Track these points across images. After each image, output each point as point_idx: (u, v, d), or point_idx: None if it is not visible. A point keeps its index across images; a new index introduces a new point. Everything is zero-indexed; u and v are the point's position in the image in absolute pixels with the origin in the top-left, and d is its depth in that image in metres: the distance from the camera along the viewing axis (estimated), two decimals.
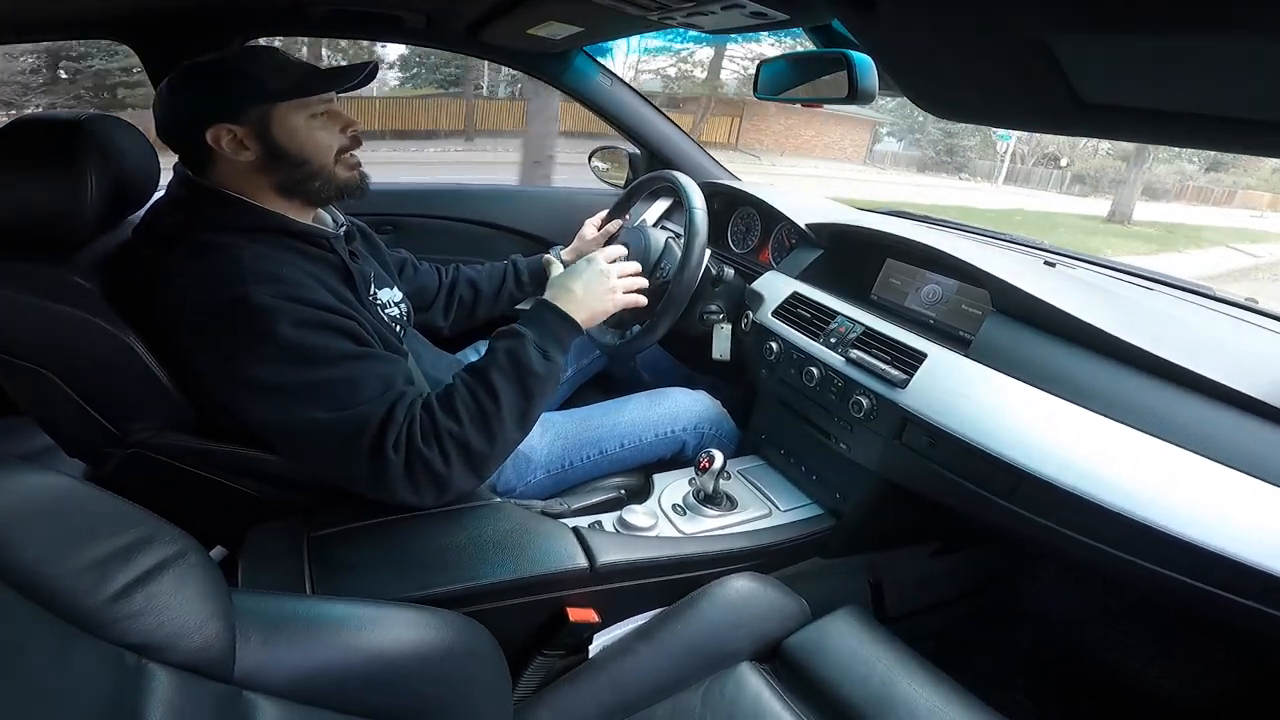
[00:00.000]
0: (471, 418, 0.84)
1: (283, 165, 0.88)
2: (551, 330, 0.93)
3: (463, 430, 0.83)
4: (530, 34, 1.36)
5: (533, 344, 0.89)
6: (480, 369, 0.87)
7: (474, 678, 0.69)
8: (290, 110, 0.87)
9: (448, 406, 0.84)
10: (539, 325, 0.93)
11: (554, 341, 0.92)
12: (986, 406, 0.90)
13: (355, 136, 0.94)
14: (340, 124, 0.93)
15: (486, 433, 0.84)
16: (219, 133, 0.85)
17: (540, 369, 0.88)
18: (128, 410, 0.85)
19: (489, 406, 0.85)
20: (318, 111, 0.89)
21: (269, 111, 0.86)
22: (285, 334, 0.78)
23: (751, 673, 0.85)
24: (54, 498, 0.47)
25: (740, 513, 1.13)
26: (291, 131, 0.87)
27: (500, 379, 0.86)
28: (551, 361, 0.90)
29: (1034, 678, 1.27)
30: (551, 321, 0.94)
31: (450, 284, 1.34)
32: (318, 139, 0.90)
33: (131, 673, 0.45)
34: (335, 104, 0.92)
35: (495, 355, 0.88)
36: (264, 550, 0.84)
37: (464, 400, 0.84)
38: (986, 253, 1.11)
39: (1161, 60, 0.42)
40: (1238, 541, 0.69)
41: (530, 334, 0.90)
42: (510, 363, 0.87)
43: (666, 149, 1.76)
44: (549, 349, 0.90)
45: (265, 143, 0.87)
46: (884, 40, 0.58)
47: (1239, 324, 0.98)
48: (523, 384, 0.87)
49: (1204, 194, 23.61)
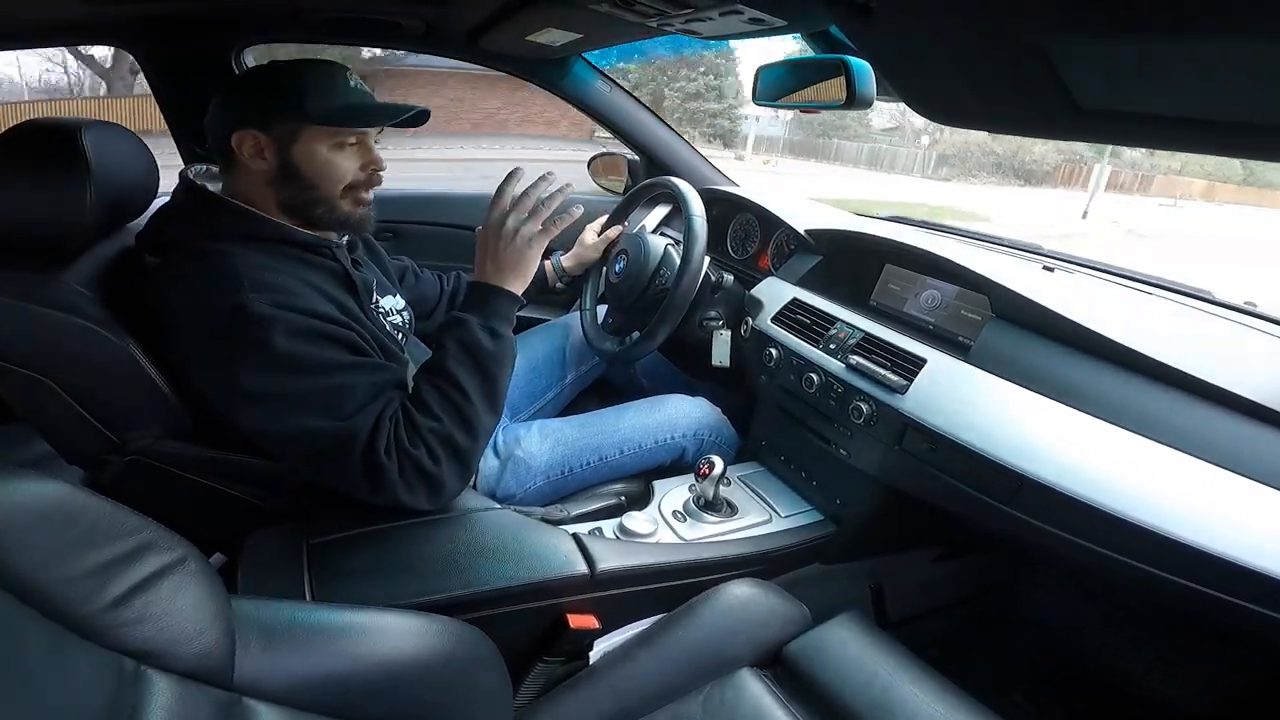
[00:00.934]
0: (446, 413, 0.84)
1: (292, 184, 0.89)
2: (491, 307, 0.92)
3: (443, 425, 0.83)
4: (529, 40, 1.37)
5: (477, 325, 0.89)
6: (435, 364, 0.88)
7: (474, 685, 0.69)
8: (319, 134, 0.87)
9: (421, 406, 0.84)
10: (477, 306, 0.92)
11: (497, 317, 0.91)
12: (986, 412, 0.90)
13: (373, 176, 0.94)
14: (364, 160, 0.92)
15: (464, 423, 0.85)
16: (244, 137, 0.86)
17: (491, 347, 0.88)
18: (127, 418, 0.85)
19: (456, 397, 0.85)
20: (347, 141, 0.90)
21: (299, 129, 0.86)
22: (281, 343, 0.78)
23: (752, 679, 0.85)
24: (53, 505, 0.47)
25: (741, 519, 1.13)
26: (311, 154, 0.88)
27: (458, 368, 0.86)
28: (500, 338, 0.90)
29: (1036, 683, 1.26)
30: (487, 299, 0.93)
31: (452, 292, 1.34)
32: (335, 168, 0.90)
33: (130, 679, 0.45)
34: (369, 138, 0.92)
35: (445, 346, 0.89)
36: (263, 557, 0.83)
37: (433, 397, 0.85)
38: (985, 258, 1.12)
39: (1158, 65, 0.42)
40: (1238, 545, 0.69)
41: (472, 318, 0.90)
42: (461, 349, 0.88)
43: (665, 155, 1.77)
44: (494, 325, 0.90)
45: (283, 158, 0.87)
46: (882, 46, 0.58)
47: (1238, 328, 0.98)
48: (480, 367, 0.87)
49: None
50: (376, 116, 0.90)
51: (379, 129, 0.93)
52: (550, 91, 1.68)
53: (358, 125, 0.89)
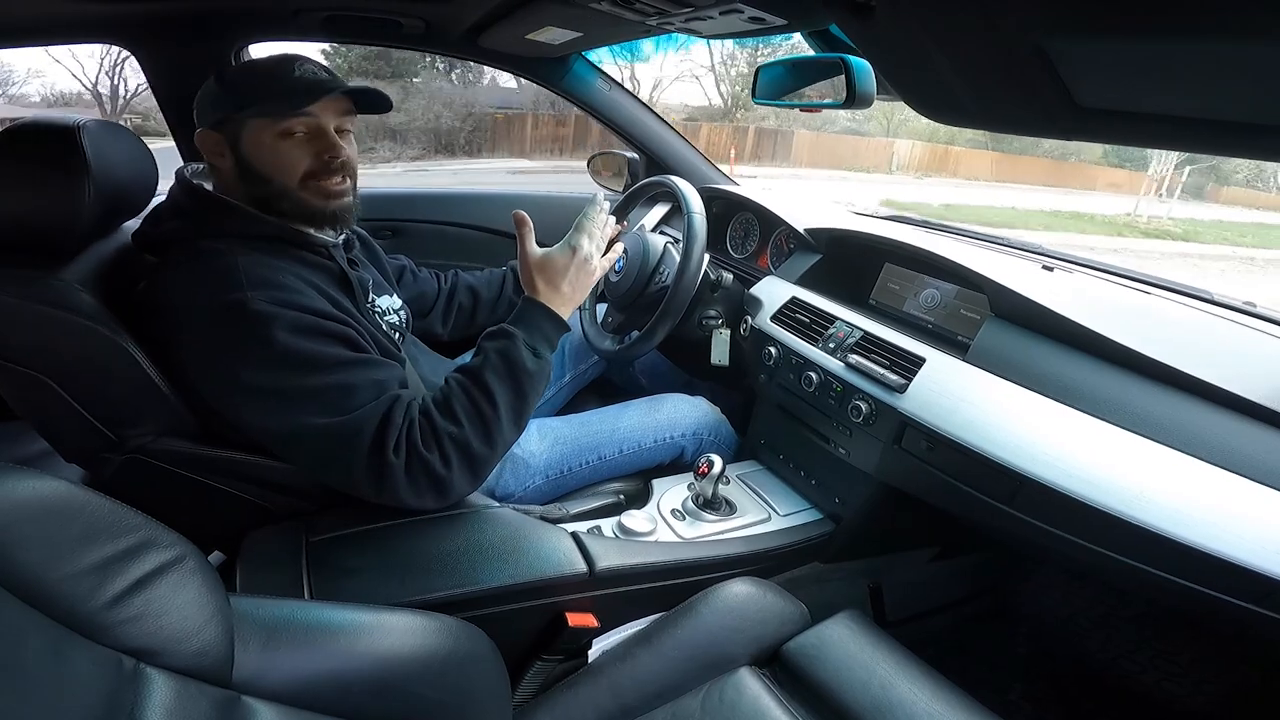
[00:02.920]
0: (470, 420, 0.84)
1: (252, 180, 0.87)
2: (540, 328, 0.92)
3: (462, 432, 0.83)
4: (529, 39, 1.37)
5: (523, 342, 0.89)
6: (474, 370, 0.87)
7: (473, 683, 0.69)
8: (261, 125, 0.85)
9: (446, 409, 0.84)
10: (528, 323, 0.92)
11: (543, 339, 0.92)
12: (985, 411, 0.90)
13: (330, 162, 0.88)
14: (317, 147, 0.87)
15: (485, 434, 0.84)
16: (203, 137, 0.85)
17: (532, 367, 0.88)
18: (125, 415, 0.85)
19: (485, 408, 0.85)
20: (294, 130, 0.85)
21: (243, 123, 0.84)
22: (280, 340, 0.78)
23: (751, 677, 0.85)
24: (52, 502, 0.47)
25: (739, 518, 1.13)
26: (259, 145, 0.85)
27: (494, 380, 0.86)
28: (542, 359, 0.90)
29: (1034, 682, 1.26)
30: (540, 319, 0.93)
31: (449, 291, 1.34)
32: (284, 157, 0.86)
33: (129, 677, 0.45)
34: (325, 124, 0.87)
35: (488, 356, 0.88)
36: (262, 555, 0.83)
37: (461, 403, 0.84)
38: (985, 257, 1.12)
39: (1157, 65, 0.42)
40: (1236, 545, 0.69)
41: (520, 333, 0.90)
42: (503, 363, 0.87)
43: (665, 154, 1.77)
44: (538, 346, 0.90)
45: (237, 154, 0.86)
46: (882, 44, 0.58)
47: (1237, 327, 0.98)
48: (516, 383, 0.87)
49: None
50: (299, 96, 0.84)
51: (343, 116, 0.89)
52: (550, 90, 1.68)
53: (292, 108, 0.84)
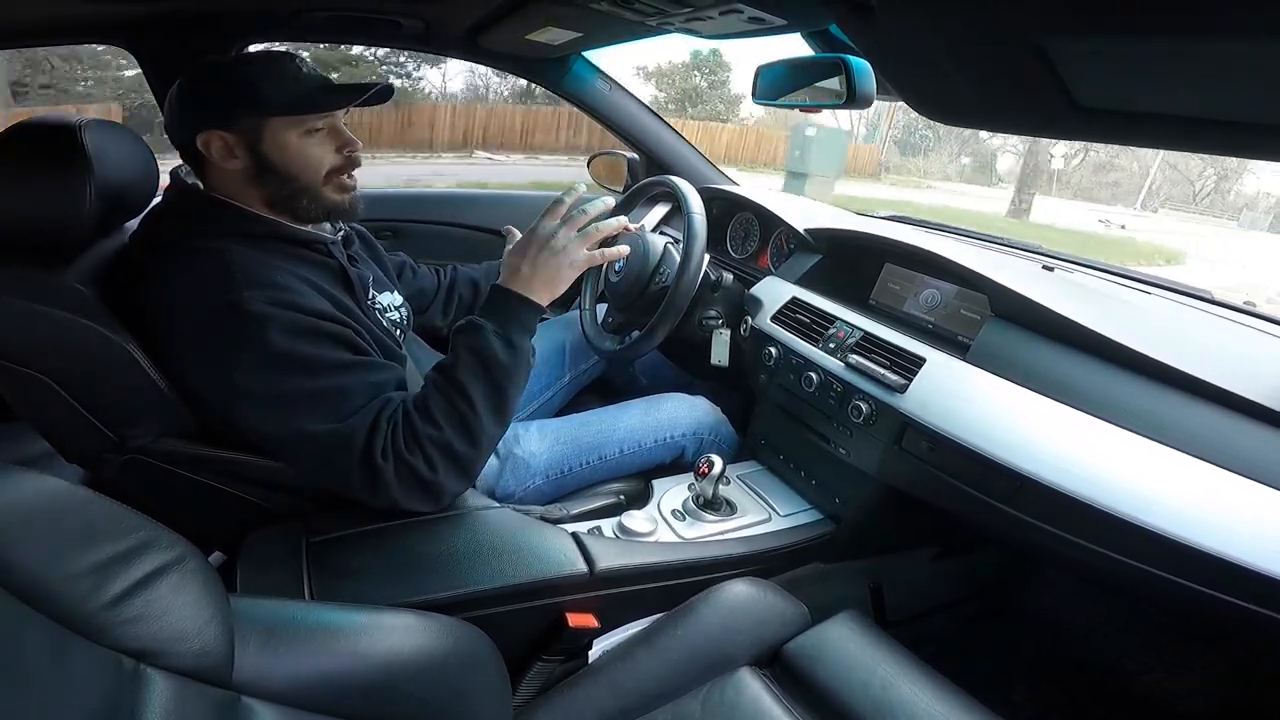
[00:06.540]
0: (449, 421, 0.83)
1: (271, 179, 0.87)
2: (512, 315, 0.89)
3: (443, 434, 0.82)
4: (529, 39, 1.37)
5: (493, 334, 0.87)
6: (447, 369, 0.86)
7: (473, 684, 0.69)
8: (284, 124, 0.86)
9: (424, 412, 0.83)
10: (498, 313, 0.89)
11: (516, 326, 0.89)
12: (986, 411, 0.90)
13: (351, 157, 0.92)
14: (337, 143, 0.91)
15: (466, 433, 0.84)
16: (209, 138, 0.84)
17: (505, 359, 0.86)
18: (125, 416, 0.85)
19: (462, 407, 0.84)
20: (315, 128, 0.88)
21: (262, 123, 0.85)
22: (277, 342, 0.77)
23: (751, 678, 0.85)
24: (52, 502, 0.47)
25: (740, 518, 1.12)
26: (282, 146, 0.86)
27: (468, 377, 0.85)
28: (516, 348, 0.88)
29: (1036, 682, 1.26)
30: (509, 306, 0.90)
31: (449, 283, 1.33)
32: (309, 156, 0.88)
33: (129, 678, 0.45)
34: (337, 121, 0.91)
35: (459, 353, 0.87)
36: (262, 556, 0.83)
37: (438, 404, 0.84)
38: (985, 257, 1.12)
39: (1158, 64, 0.42)
40: (1237, 545, 0.69)
41: (489, 324, 0.87)
42: (474, 358, 0.86)
43: (665, 154, 1.77)
44: (512, 335, 0.88)
45: (255, 154, 0.86)
46: (881, 44, 0.58)
47: (1237, 328, 0.98)
48: (491, 378, 0.86)
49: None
50: (337, 97, 0.87)
51: (345, 110, 0.91)
52: (550, 90, 1.68)
53: (321, 109, 0.87)
